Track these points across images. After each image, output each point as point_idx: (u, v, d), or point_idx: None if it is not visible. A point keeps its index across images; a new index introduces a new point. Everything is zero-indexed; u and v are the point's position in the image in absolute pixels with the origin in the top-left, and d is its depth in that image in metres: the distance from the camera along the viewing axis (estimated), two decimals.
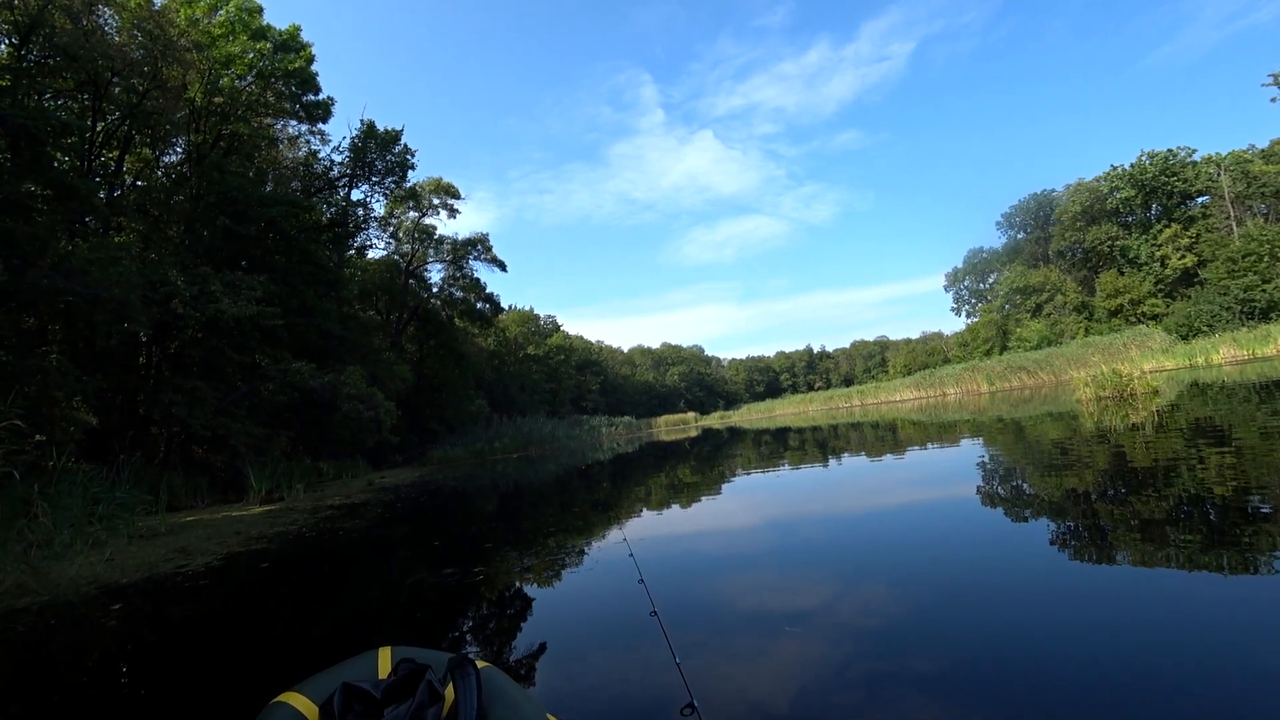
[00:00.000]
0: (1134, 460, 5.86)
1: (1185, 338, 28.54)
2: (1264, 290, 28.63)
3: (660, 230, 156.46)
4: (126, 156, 16.27)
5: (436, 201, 26.76)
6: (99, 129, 14.88)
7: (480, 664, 1.40)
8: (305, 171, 19.97)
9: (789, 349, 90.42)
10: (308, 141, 20.37)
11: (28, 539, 5.35)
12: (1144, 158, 37.90)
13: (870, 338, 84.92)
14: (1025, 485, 5.70)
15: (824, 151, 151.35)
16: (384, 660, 1.47)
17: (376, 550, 6.10)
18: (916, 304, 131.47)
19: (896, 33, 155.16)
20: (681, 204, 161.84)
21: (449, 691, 1.33)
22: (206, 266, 13.70)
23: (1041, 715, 1.78)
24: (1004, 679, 2.02)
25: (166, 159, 18.34)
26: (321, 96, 19.75)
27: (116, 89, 14.03)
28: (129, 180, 17.28)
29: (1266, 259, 29.64)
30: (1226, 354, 23.17)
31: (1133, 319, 35.77)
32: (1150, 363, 23.49)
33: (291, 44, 18.94)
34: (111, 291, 9.53)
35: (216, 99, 17.21)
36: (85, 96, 14.01)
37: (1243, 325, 27.05)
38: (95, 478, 7.82)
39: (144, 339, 14.60)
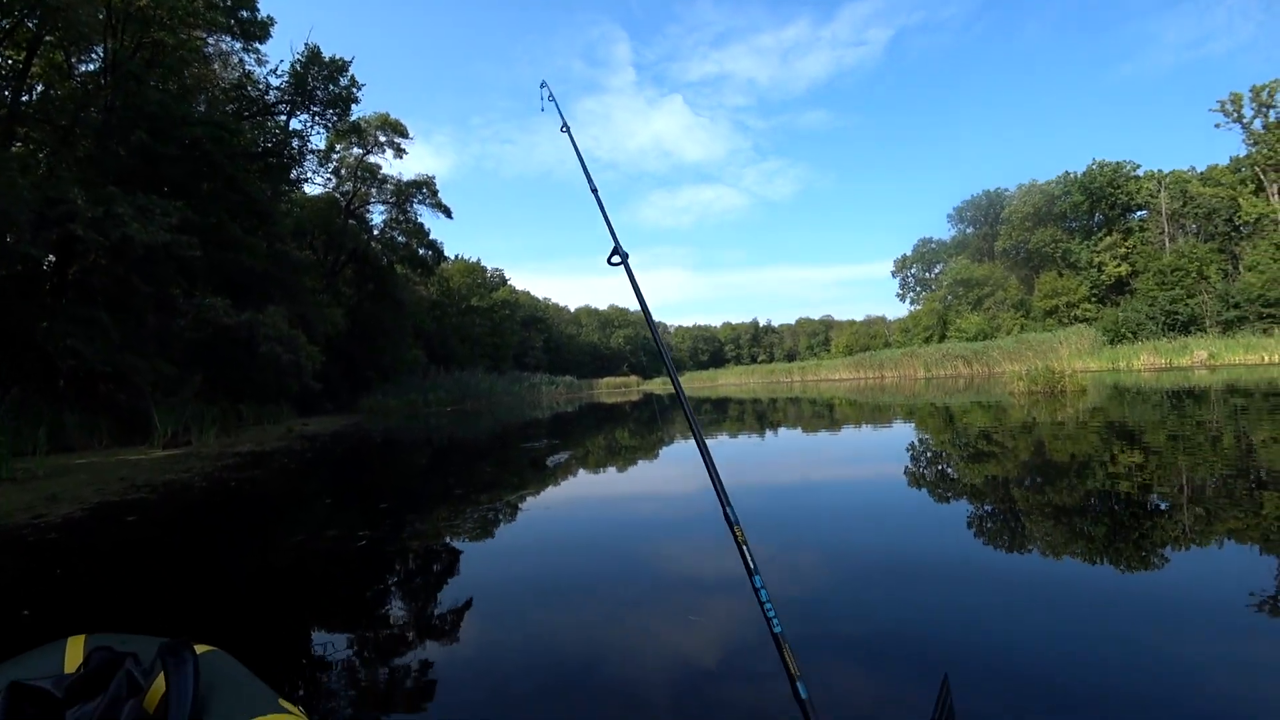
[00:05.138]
0: (1055, 453, 5.94)
1: (1112, 342, 29.98)
2: (1187, 304, 30.24)
3: (621, 191, 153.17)
4: (35, 59, 14.59)
5: (383, 139, 25.29)
6: (2, 23, 13.25)
7: (202, 648, 1.16)
8: (239, 95, 18.40)
9: (736, 320, 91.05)
10: (242, 61, 18.77)
11: None
12: (1095, 166, 39.18)
13: (816, 316, 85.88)
14: (950, 469, 5.71)
15: (792, 128, 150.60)
16: (73, 651, 1.15)
17: (264, 507, 5.67)
18: (864, 287, 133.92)
19: (877, 19, 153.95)
20: (645, 167, 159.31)
21: (158, 682, 1.06)
22: (116, 187, 12.48)
23: (949, 667, 1.93)
24: (922, 643, 2.15)
25: (83, 68, 16.58)
26: (261, 16, 18.12)
27: None
28: (37, 86, 15.59)
29: (1193, 275, 31.26)
30: (1146, 361, 24.43)
31: (1066, 320, 37.35)
32: (1078, 363, 24.58)
33: None
34: None
35: (140, 1, 15.54)
36: None
37: (1164, 336, 28.55)
38: None
39: (47, 266, 13.32)
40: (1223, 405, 9.22)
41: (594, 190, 2.14)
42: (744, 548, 1.23)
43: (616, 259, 1.77)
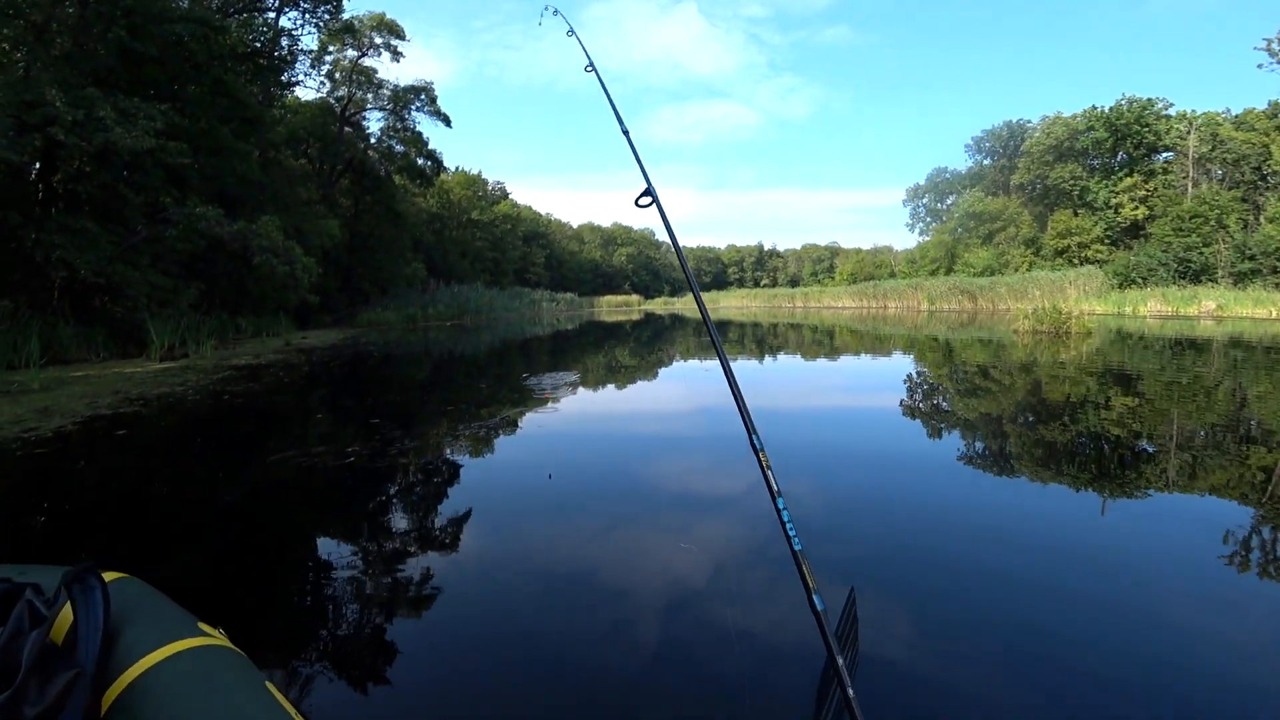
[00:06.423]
0: (1053, 394, 5.92)
1: (1120, 286, 29.51)
2: (1202, 253, 29.50)
3: (629, 104, 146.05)
4: None
5: (379, 40, 23.89)
6: None
7: (110, 575, 1.12)
8: None
9: (741, 243, 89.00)
10: None
11: None
12: (1124, 101, 37.31)
13: (822, 242, 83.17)
14: (944, 403, 5.73)
15: (810, 43, 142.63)
16: None
17: (256, 421, 5.69)
18: (873, 215, 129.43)
19: None
20: (654, 80, 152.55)
21: (64, 613, 1.03)
22: (96, 89, 11.89)
23: (936, 578, 2.19)
24: (906, 558, 2.41)
25: None
26: None
27: None
28: None
29: (1212, 223, 30.33)
30: (1153, 308, 24.13)
31: (1076, 261, 36.61)
32: (1085, 305, 24.32)
33: None
34: None
35: None
36: None
37: (1174, 283, 28.04)
38: None
39: (33, 175, 12.87)
40: (1222, 357, 9.14)
41: (625, 132, 2.10)
42: (768, 473, 1.26)
43: (646, 200, 1.71)
